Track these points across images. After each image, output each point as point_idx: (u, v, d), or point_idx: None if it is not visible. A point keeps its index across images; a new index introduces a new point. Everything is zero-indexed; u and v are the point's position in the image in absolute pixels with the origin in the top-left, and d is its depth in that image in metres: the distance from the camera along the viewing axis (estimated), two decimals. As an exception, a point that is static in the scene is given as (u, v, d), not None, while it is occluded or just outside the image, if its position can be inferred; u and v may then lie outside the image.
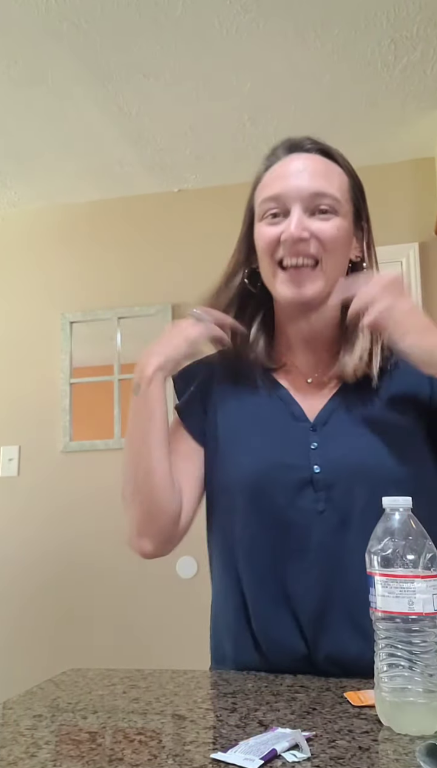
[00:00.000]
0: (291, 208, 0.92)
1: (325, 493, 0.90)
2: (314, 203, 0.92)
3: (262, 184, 0.99)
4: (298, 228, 0.91)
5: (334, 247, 0.93)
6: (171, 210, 3.26)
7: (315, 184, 0.93)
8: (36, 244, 3.38)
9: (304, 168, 0.95)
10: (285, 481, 0.91)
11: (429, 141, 2.86)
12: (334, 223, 0.93)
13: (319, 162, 0.96)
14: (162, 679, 0.88)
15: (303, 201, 0.92)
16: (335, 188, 0.94)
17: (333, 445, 0.93)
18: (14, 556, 3.08)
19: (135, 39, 2.24)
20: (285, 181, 0.94)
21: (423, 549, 0.65)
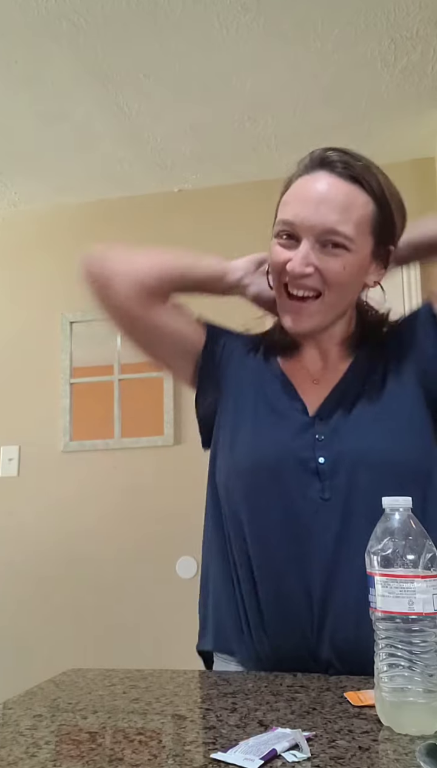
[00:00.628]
0: (302, 240, 0.93)
1: (330, 482, 0.93)
2: (325, 237, 0.92)
3: (285, 199, 0.98)
4: (302, 265, 0.92)
5: (339, 283, 0.94)
6: (171, 210, 3.26)
7: (330, 219, 0.91)
8: (36, 244, 3.38)
9: (324, 198, 0.92)
10: (294, 471, 0.94)
11: (429, 141, 2.86)
12: (342, 261, 0.93)
13: (343, 190, 0.93)
14: (162, 679, 0.88)
15: (314, 235, 0.92)
16: (351, 224, 0.92)
17: (336, 437, 0.95)
18: (14, 555, 3.08)
19: (135, 39, 2.24)
20: (301, 207, 0.93)
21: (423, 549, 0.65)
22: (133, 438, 3.07)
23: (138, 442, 3.06)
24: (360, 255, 0.94)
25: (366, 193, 0.94)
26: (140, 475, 3.01)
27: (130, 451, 3.07)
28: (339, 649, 0.88)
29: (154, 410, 3.04)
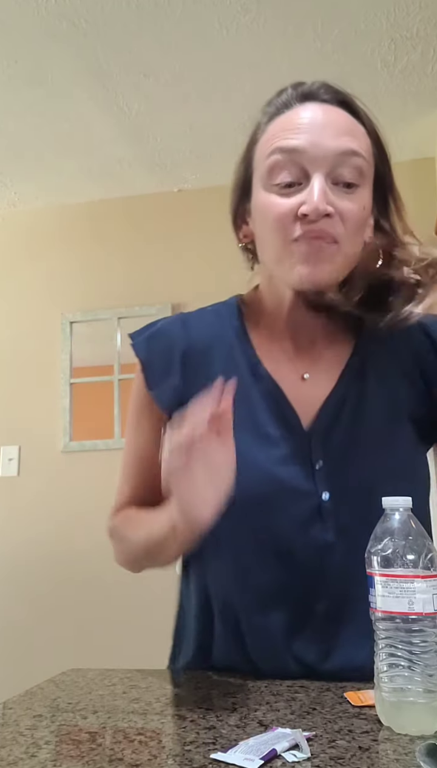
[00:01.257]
0: (312, 172, 0.75)
1: (335, 522, 0.79)
2: (339, 169, 0.75)
3: (267, 137, 0.79)
4: (323, 202, 0.73)
5: (358, 229, 0.78)
6: (171, 210, 3.26)
7: (343, 142, 0.75)
8: (36, 244, 3.38)
9: (327, 121, 0.76)
10: (291, 508, 0.79)
11: (429, 141, 2.86)
12: (360, 198, 0.77)
13: (343, 116, 0.78)
14: (162, 679, 0.88)
15: (328, 165, 0.75)
16: (363, 149, 0.77)
17: (340, 465, 0.80)
18: (14, 555, 3.07)
19: (135, 39, 2.24)
20: (303, 134, 0.75)
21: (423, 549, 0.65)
22: (133, 438, 3.06)
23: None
24: (369, 195, 0.79)
25: (361, 122, 0.80)
26: (140, 475, 3.01)
27: (130, 451, 3.07)
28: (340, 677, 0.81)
29: (154, 410, 3.03)
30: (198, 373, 0.86)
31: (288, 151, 0.76)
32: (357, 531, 0.74)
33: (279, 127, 0.78)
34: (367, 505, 0.74)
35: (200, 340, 0.89)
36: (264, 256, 0.83)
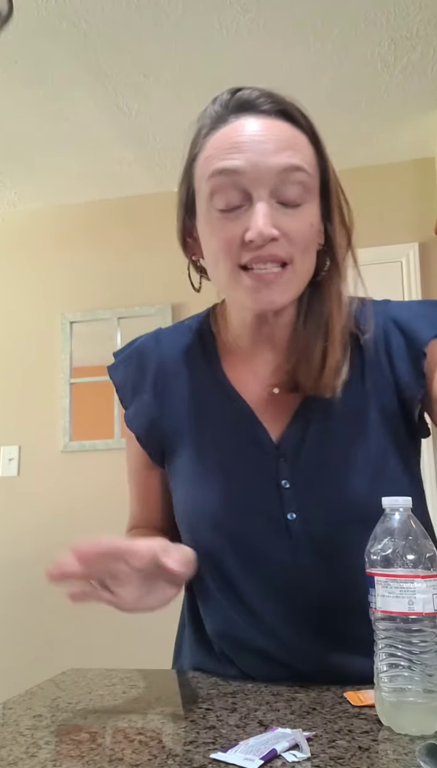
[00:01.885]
0: (254, 194, 0.71)
1: (305, 544, 0.78)
2: (283, 187, 0.71)
3: (207, 153, 0.74)
4: (268, 225, 0.70)
5: (307, 246, 0.74)
6: (171, 210, 3.24)
7: (284, 157, 0.71)
8: (36, 244, 3.38)
9: (266, 136, 0.71)
10: (256, 529, 0.78)
11: (429, 141, 2.86)
12: (307, 216, 0.73)
13: (283, 129, 0.73)
14: (162, 679, 0.88)
15: (270, 184, 0.71)
16: (306, 162, 0.73)
17: (308, 485, 0.78)
18: (14, 555, 3.07)
19: (135, 39, 2.24)
20: (242, 153, 0.71)
21: (423, 549, 0.65)
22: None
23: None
24: (316, 207, 0.75)
25: (303, 131, 0.75)
26: (140, 475, 3.01)
27: (130, 451, 3.07)
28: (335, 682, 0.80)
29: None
30: (167, 390, 0.87)
31: (227, 173, 0.72)
32: (331, 550, 0.75)
33: (217, 144, 0.74)
34: (339, 524, 0.75)
35: (171, 357, 0.89)
36: (215, 280, 0.81)
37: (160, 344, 0.91)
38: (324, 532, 0.77)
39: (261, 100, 0.74)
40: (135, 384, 0.89)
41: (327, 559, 0.77)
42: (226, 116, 0.75)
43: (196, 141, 0.78)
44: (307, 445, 0.79)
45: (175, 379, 0.87)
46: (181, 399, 0.86)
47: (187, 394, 0.85)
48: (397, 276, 2.91)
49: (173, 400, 0.86)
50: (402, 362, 0.81)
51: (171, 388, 0.87)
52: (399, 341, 0.81)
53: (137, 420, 0.88)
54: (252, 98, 0.74)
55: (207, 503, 0.78)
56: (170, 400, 0.87)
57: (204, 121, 0.77)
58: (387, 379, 0.81)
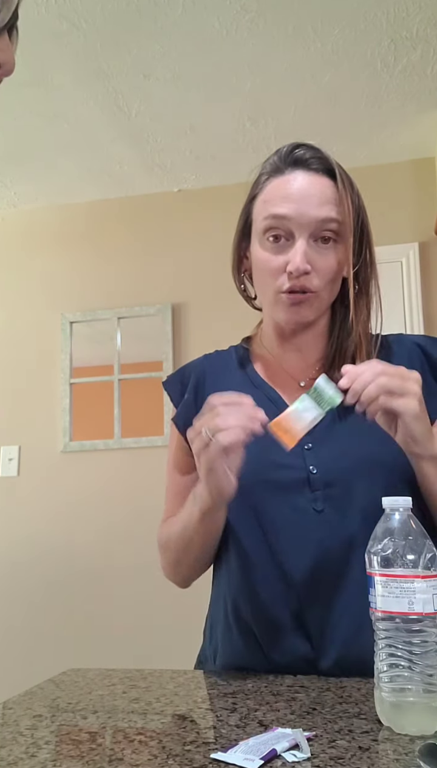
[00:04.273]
0: (297, 236, 0.92)
1: (323, 492, 0.90)
2: (320, 230, 0.92)
3: (265, 198, 0.96)
4: (304, 262, 0.91)
5: (332, 280, 0.95)
6: (171, 210, 3.26)
7: (324, 211, 0.91)
8: (36, 244, 3.38)
9: (313, 192, 0.92)
10: (279, 481, 0.92)
11: (429, 141, 2.86)
12: (337, 256, 0.93)
13: (327, 186, 0.93)
14: (162, 679, 0.88)
15: (310, 229, 0.91)
16: (344, 214, 0.92)
17: (328, 445, 0.93)
18: (14, 555, 3.08)
19: (135, 39, 2.24)
20: (292, 203, 0.92)
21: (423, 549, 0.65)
22: (133, 438, 3.07)
23: (138, 442, 3.06)
24: (348, 246, 0.94)
25: (344, 186, 0.94)
26: (140, 475, 3.01)
27: (130, 451, 3.07)
28: (341, 665, 0.87)
29: (154, 410, 3.04)
30: (207, 391, 1.01)
31: (278, 218, 0.93)
32: (342, 501, 0.90)
33: (273, 191, 0.95)
34: (351, 479, 0.90)
35: (212, 368, 1.08)
36: (260, 296, 1.02)
37: (205, 360, 1.10)
38: (337, 481, 0.90)
39: (313, 160, 0.94)
40: (181, 389, 1.08)
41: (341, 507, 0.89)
42: (283, 168, 0.95)
43: (257, 183, 0.98)
44: (328, 422, 0.91)
45: (214, 382, 1.04)
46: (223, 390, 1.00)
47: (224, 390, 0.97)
48: (397, 276, 2.91)
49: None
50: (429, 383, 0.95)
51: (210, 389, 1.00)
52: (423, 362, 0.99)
53: (180, 415, 1.05)
54: (305, 158, 0.94)
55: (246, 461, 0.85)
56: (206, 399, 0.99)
57: (265, 168, 0.98)
58: None
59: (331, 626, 0.88)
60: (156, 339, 3.11)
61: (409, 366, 0.97)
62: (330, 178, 0.94)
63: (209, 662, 1.01)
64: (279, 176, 0.95)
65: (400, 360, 0.98)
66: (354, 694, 0.77)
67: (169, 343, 3.10)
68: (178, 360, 3.07)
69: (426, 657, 0.63)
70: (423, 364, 0.99)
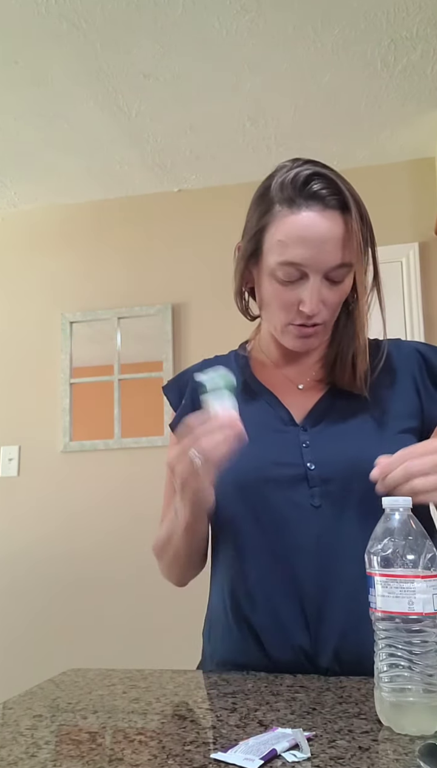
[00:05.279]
0: (311, 277, 0.93)
1: (320, 489, 0.92)
2: (331, 273, 0.93)
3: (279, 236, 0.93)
4: (318, 304, 0.93)
5: (337, 308, 0.97)
6: (171, 210, 3.26)
7: (337, 256, 0.92)
8: (36, 244, 3.38)
9: (328, 236, 0.91)
10: (277, 478, 0.93)
11: (429, 141, 2.86)
12: (344, 288, 0.95)
13: (340, 225, 0.92)
14: (162, 679, 0.88)
15: (323, 272, 0.93)
16: (354, 254, 0.93)
17: (326, 443, 0.95)
18: (14, 556, 3.08)
19: (135, 39, 2.24)
20: (308, 249, 0.91)
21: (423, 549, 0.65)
22: (133, 438, 3.07)
23: (138, 442, 3.06)
24: (351, 278, 0.96)
25: (356, 216, 0.93)
26: (140, 475, 3.01)
27: (130, 451, 3.07)
28: (340, 658, 0.87)
29: (154, 410, 3.04)
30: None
31: (294, 265, 0.92)
32: (340, 497, 0.90)
33: (288, 231, 0.92)
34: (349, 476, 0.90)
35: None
36: (268, 321, 1.02)
37: (202, 367, 1.09)
38: (334, 477, 0.92)
39: (330, 198, 0.91)
40: (179, 393, 1.11)
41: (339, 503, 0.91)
42: (299, 203, 0.92)
43: (269, 210, 0.95)
44: (325, 423, 0.97)
45: None
46: None
47: None
48: (397, 276, 2.91)
49: None
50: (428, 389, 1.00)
51: None
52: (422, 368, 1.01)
53: (177, 421, 1.06)
54: (322, 194, 0.91)
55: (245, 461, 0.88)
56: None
57: (276, 194, 0.94)
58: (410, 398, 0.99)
59: (329, 620, 0.88)
60: (156, 339, 3.11)
61: (408, 371, 1.01)
62: (347, 213, 0.93)
63: (208, 662, 1.01)
64: (295, 212, 0.92)
65: (399, 365, 1.01)
66: (354, 694, 0.77)
67: (169, 343, 3.10)
68: (177, 360, 3.07)
69: (426, 657, 0.63)
70: (422, 371, 1.01)
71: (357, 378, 0.99)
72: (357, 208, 0.94)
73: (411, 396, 0.99)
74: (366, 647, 0.68)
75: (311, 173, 0.93)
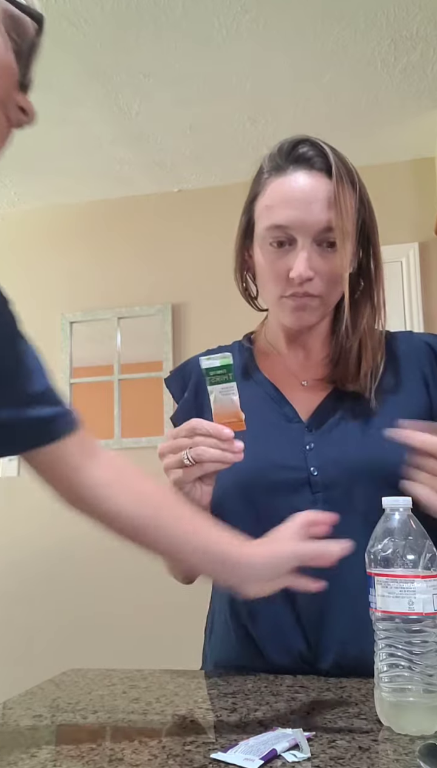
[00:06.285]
0: (299, 242, 0.89)
1: (323, 494, 0.90)
2: (322, 236, 0.89)
3: (266, 201, 0.93)
4: (307, 269, 0.89)
5: (336, 283, 0.92)
6: (171, 210, 3.26)
7: (325, 217, 0.88)
8: (36, 244, 3.38)
9: (315, 197, 0.88)
10: (280, 481, 0.91)
11: (429, 141, 2.86)
12: (340, 259, 0.90)
13: (328, 186, 0.89)
14: (162, 679, 0.88)
15: (312, 235, 0.89)
16: (346, 218, 0.89)
17: (330, 446, 0.92)
18: (14, 555, 3.07)
19: (135, 39, 2.24)
20: (293, 210, 0.89)
21: (423, 549, 0.65)
22: (133, 438, 3.07)
23: (138, 442, 3.06)
24: (352, 246, 0.91)
25: (348, 184, 0.91)
26: (140, 475, 3.01)
27: (130, 451, 3.07)
28: (340, 664, 0.87)
29: (154, 410, 3.04)
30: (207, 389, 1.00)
31: (281, 228, 0.90)
32: (342, 503, 0.87)
33: (274, 194, 0.91)
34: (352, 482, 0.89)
35: None
36: (264, 298, 1.00)
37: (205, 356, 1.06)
38: (337, 483, 0.90)
39: (315, 159, 0.90)
40: (181, 387, 1.07)
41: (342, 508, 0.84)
42: (285, 167, 0.91)
43: (258, 180, 0.95)
44: (330, 424, 0.94)
45: None
46: None
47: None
48: (397, 276, 2.91)
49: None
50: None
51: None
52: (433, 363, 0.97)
53: (179, 414, 1.04)
54: (307, 156, 0.90)
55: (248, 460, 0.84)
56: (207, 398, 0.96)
57: (266, 164, 0.94)
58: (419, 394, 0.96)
59: (329, 628, 0.88)
60: (156, 339, 3.11)
61: (417, 365, 0.97)
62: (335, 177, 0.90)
63: (208, 662, 1.01)
64: (281, 176, 0.91)
65: (407, 358, 0.98)
66: (354, 694, 0.77)
67: (169, 343, 3.10)
68: (177, 360, 3.07)
69: (426, 657, 0.62)
70: (432, 364, 0.97)
71: (361, 375, 0.95)
72: (349, 176, 0.91)
73: (421, 396, 0.96)
74: (367, 655, 0.68)
75: (299, 139, 0.92)
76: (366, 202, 0.95)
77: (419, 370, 0.97)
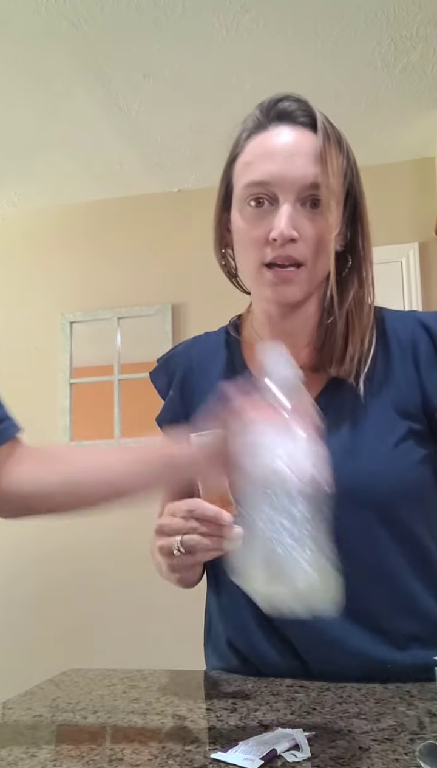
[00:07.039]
0: (281, 199, 0.81)
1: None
2: (306, 193, 0.81)
3: (244, 159, 0.85)
4: (289, 228, 0.80)
5: (322, 248, 0.83)
6: (171, 210, 3.26)
7: (310, 172, 0.80)
8: (36, 244, 3.38)
9: (297, 150, 0.81)
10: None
11: (429, 141, 2.86)
12: (325, 222, 0.82)
13: (313, 141, 0.82)
14: (162, 679, 0.88)
15: (295, 192, 0.80)
16: (332, 175, 0.81)
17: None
18: (14, 555, 3.07)
19: (135, 39, 2.24)
20: (274, 164, 0.81)
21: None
22: (133, 438, 3.07)
23: (138, 443, 3.06)
24: (338, 211, 0.83)
25: (334, 142, 0.84)
26: (140, 475, 3.01)
27: (130, 451, 3.07)
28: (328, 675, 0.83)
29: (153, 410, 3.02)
30: (193, 387, 0.97)
31: (260, 185, 0.82)
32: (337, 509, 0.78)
33: (254, 150, 0.84)
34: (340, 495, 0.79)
35: (198, 357, 0.99)
36: (242, 272, 0.91)
37: (192, 347, 1.02)
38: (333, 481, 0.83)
39: (298, 113, 0.84)
40: (166, 385, 1.01)
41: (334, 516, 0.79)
42: (266, 123, 0.85)
43: (237, 143, 0.88)
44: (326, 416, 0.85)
45: (201, 376, 0.97)
46: (204, 392, 0.93)
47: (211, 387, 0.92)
48: (397, 276, 2.91)
49: (197, 395, 0.96)
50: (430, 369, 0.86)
51: (197, 385, 0.96)
52: (428, 347, 0.87)
53: (163, 415, 1.01)
54: (290, 110, 0.84)
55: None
56: (195, 396, 0.96)
57: (246, 124, 0.88)
58: (411, 380, 0.87)
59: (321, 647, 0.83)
60: (156, 339, 3.11)
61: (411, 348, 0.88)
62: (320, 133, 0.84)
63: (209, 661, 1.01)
64: (262, 132, 0.84)
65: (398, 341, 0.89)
66: (354, 694, 0.77)
67: (169, 343, 3.10)
68: (178, 360, 3.07)
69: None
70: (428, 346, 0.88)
71: (347, 359, 0.86)
72: (336, 135, 0.85)
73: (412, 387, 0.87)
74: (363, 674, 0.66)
75: (281, 96, 0.86)
76: (354, 166, 0.87)
77: (411, 356, 0.88)
